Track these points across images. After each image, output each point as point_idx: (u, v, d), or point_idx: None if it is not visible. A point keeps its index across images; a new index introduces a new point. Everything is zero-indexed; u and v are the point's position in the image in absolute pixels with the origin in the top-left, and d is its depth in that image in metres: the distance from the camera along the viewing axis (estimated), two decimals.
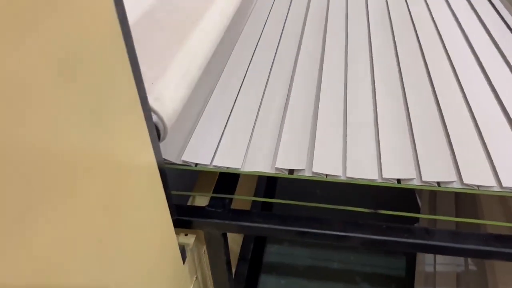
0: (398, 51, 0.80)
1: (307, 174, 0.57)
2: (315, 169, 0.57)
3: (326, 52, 0.80)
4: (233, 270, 0.66)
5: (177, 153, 0.60)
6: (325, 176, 0.57)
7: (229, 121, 0.64)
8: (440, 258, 0.83)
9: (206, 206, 0.61)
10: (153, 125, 0.47)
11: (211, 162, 0.59)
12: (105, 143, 0.37)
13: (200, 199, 0.65)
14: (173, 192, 0.60)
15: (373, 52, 0.80)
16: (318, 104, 0.66)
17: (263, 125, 0.63)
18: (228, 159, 0.59)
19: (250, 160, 0.59)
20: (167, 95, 0.53)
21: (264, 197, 0.73)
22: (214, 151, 0.60)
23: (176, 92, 0.54)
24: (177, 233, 0.60)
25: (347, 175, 0.57)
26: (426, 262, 0.83)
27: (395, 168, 0.57)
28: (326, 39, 0.85)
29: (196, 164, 0.59)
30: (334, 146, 0.60)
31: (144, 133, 0.44)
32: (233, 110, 0.66)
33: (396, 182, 0.56)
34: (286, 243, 1.18)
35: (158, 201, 0.51)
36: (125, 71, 0.38)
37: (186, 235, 0.64)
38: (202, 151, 0.60)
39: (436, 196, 0.85)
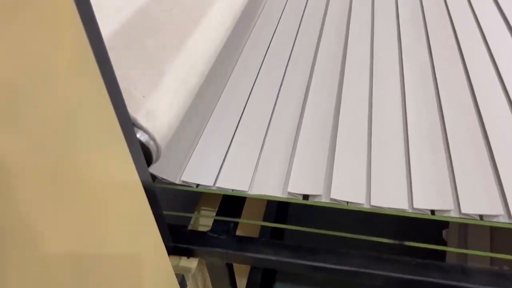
0: (432, 52, 0.70)
1: (324, 200, 0.49)
2: (333, 195, 0.49)
3: (348, 55, 0.71)
4: None
5: (176, 171, 0.53)
6: (345, 204, 0.49)
7: (234, 137, 0.56)
8: None
9: (208, 231, 0.54)
10: (136, 143, 0.39)
11: (214, 183, 0.52)
12: (73, 163, 0.30)
13: (204, 220, 0.58)
14: (168, 213, 0.54)
15: (402, 54, 0.71)
16: (338, 118, 0.58)
17: (273, 143, 0.55)
18: (233, 180, 0.52)
19: (258, 182, 0.51)
20: (161, 108, 0.46)
21: (275, 221, 0.65)
22: (217, 171, 0.52)
23: (172, 104, 0.47)
24: (176, 259, 0.53)
25: (371, 203, 0.48)
26: None
27: (429, 197, 0.48)
28: (349, 38, 0.75)
29: (198, 185, 0.52)
30: (356, 169, 0.51)
31: (122, 151, 0.37)
32: (239, 125, 0.58)
33: (429, 213, 0.48)
34: (299, 278, 1.09)
35: (145, 226, 0.44)
36: (94, 85, 0.31)
37: (188, 257, 0.57)
38: (204, 170, 0.53)
39: (467, 225, 0.74)
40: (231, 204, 0.56)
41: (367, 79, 0.65)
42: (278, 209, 0.74)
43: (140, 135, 0.43)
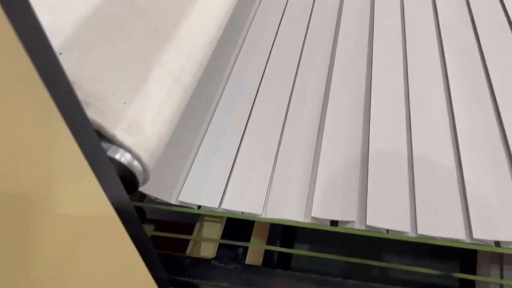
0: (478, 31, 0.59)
1: (358, 227, 0.39)
2: (371, 222, 0.39)
3: (376, 35, 0.59)
4: None
5: (171, 190, 0.43)
6: (384, 232, 0.39)
7: (241, 148, 0.45)
8: None
9: (212, 259, 0.44)
10: (103, 157, 0.29)
11: (219, 205, 0.42)
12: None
13: (206, 245, 0.48)
14: (155, 234, 0.44)
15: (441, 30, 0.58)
16: (369, 124, 0.47)
17: (290, 155, 0.45)
18: (243, 201, 0.41)
19: (273, 204, 0.41)
20: (149, 117, 0.35)
21: (282, 242, 0.56)
22: (223, 190, 0.42)
23: (163, 110, 0.36)
24: None
25: (418, 232, 0.38)
26: None
27: (492, 225, 0.38)
28: (375, 15, 0.63)
29: (199, 206, 0.42)
30: (396, 189, 0.41)
31: (87, 182, 0.27)
32: (246, 131, 0.47)
33: (493, 244, 0.37)
34: None
35: (122, 255, 0.34)
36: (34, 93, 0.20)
37: None
38: (206, 188, 0.42)
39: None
40: (239, 225, 0.46)
41: (400, 63, 0.53)
42: (284, 230, 0.63)
43: (120, 156, 0.33)
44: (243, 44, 0.58)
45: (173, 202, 0.42)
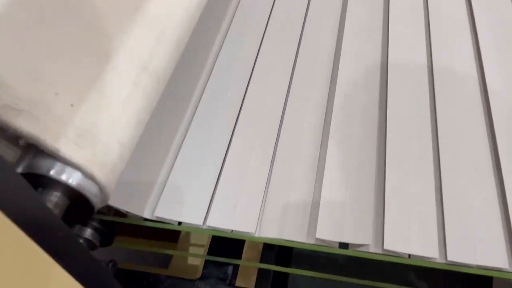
0: None
1: (374, 251, 0.32)
2: (389, 246, 0.31)
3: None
4: None
5: (145, 202, 0.35)
6: (406, 257, 0.32)
7: (229, 153, 0.37)
8: None
9: (196, 279, 0.37)
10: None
11: (204, 221, 0.34)
12: None
13: (191, 260, 0.41)
14: (129, 246, 0.37)
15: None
16: (386, 122, 0.38)
17: (287, 164, 0.37)
18: (232, 217, 0.34)
19: (268, 221, 0.34)
20: (105, 122, 0.27)
21: (277, 260, 0.49)
22: (208, 203, 0.34)
23: (124, 112, 0.28)
24: None
25: (448, 258, 0.31)
26: None
27: None
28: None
29: (180, 223, 0.35)
30: (419, 206, 0.33)
31: None
32: (234, 135, 0.38)
33: None
34: None
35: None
36: None
37: None
38: (188, 202, 0.35)
39: None
40: (228, 239, 0.39)
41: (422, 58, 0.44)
42: (280, 247, 0.55)
43: (67, 176, 0.25)
44: (234, 14, 0.49)
45: (148, 216, 0.35)
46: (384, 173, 0.35)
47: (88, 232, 0.37)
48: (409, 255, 0.32)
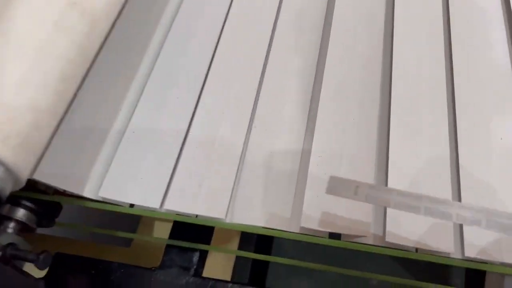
0: None
1: (375, 243, 0.26)
2: (390, 238, 0.25)
3: None
4: None
5: (86, 179, 0.28)
6: (414, 250, 0.25)
7: (194, 119, 0.30)
8: None
9: (154, 268, 0.31)
10: None
11: (162, 204, 0.27)
12: None
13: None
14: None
15: None
16: (390, 98, 0.31)
17: (266, 132, 0.29)
18: (197, 199, 0.27)
19: (242, 205, 0.27)
20: (11, 79, 0.19)
21: (257, 247, 0.42)
22: (166, 184, 0.27)
23: (41, 63, 0.21)
24: None
25: (466, 254, 0.25)
26: None
27: None
28: None
29: (133, 205, 0.28)
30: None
31: None
32: (200, 102, 0.30)
33: None
34: None
35: None
36: None
37: None
38: (140, 181, 0.28)
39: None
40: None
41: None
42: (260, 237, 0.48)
43: None
44: None
45: (91, 196, 0.28)
46: (387, 148, 0.28)
47: (20, 213, 0.30)
48: (417, 249, 0.25)
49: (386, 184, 0.27)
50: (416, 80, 0.31)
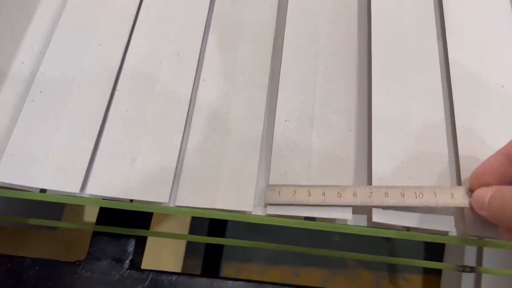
0: None
1: (357, 224, 0.21)
2: (377, 218, 0.20)
3: None
4: None
5: None
6: (400, 229, 0.21)
7: (119, 83, 0.22)
8: None
9: (79, 261, 0.25)
10: None
11: (83, 188, 0.21)
12: None
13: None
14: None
15: None
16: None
17: (215, 90, 0.23)
18: (129, 179, 0.21)
19: (189, 184, 0.21)
20: None
21: (210, 231, 0.36)
22: (87, 162, 0.21)
23: None
24: None
25: (469, 232, 0.20)
26: None
27: None
28: None
29: (43, 190, 0.21)
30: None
31: None
32: (127, 57, 0.23)
33: None
34: None
35: None
36: None
37: None
38: (52, 160, 0.21)
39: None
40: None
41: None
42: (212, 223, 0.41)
43: None
44: None
45: None
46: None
47: None
48: (408, 228, 0.21)
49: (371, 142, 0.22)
50: (398, 13, 0.26)
